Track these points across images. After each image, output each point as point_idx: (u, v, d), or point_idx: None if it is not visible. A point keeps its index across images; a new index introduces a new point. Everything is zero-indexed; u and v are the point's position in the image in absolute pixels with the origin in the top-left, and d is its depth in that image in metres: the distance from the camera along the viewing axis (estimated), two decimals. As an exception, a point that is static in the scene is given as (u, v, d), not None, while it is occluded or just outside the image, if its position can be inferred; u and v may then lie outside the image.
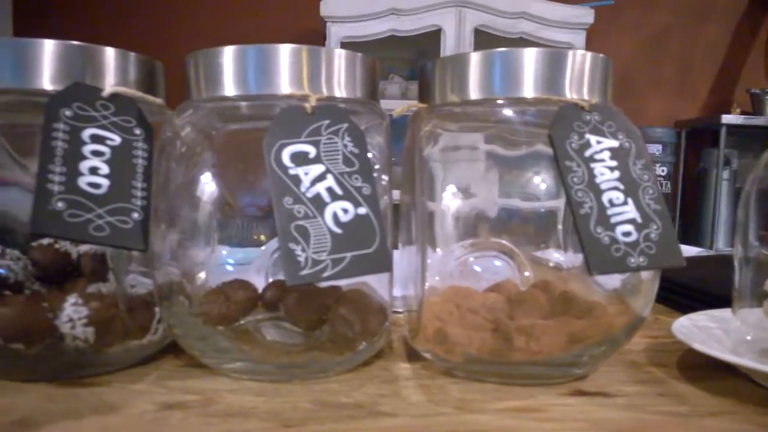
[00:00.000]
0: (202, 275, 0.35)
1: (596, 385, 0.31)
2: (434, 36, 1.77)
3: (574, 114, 0.28)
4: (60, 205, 0.26)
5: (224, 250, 0.37)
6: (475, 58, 0.31)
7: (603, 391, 0.30)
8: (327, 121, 0.28)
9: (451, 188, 0.32)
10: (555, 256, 0.37)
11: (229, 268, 0.38)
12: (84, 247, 0.36)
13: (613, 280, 0.33)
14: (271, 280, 0.37)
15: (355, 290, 0.34)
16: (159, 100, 0.33)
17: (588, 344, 0.30)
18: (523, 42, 1.79)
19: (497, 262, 0.37)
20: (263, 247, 0.38)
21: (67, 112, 0.28)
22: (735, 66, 2.18)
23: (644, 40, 2.10)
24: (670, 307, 0.49)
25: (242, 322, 0.34)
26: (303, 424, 0.25)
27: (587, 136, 0.28)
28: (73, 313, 0.29)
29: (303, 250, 0.26)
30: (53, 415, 0.26)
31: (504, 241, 0.37)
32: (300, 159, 0.27)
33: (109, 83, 0.31)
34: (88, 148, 0.27)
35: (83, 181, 0.27)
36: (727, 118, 1.95)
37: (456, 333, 0.29)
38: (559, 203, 0.35)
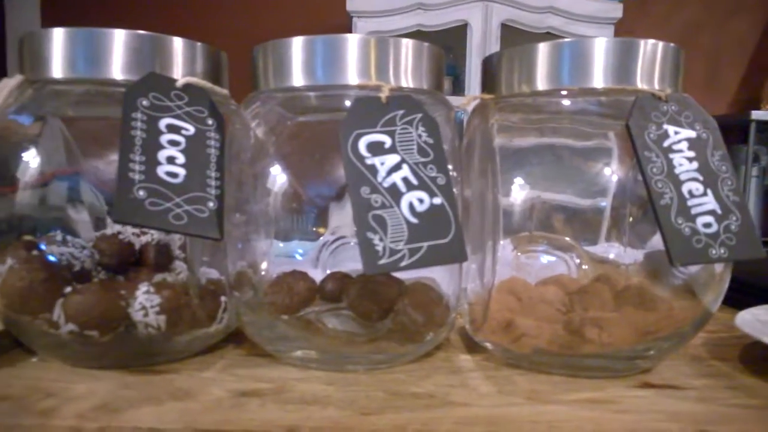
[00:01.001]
0: (264, 266, 0.35)
1: (663, 378, 0.31)
2: (460, 31, 1.76)
3: (652, 104, 0.28)
4: (141, 193, 0.26)
5: (281, 243, 0.37)
6: (543, 49, 0.31)
7: (672, 384, 0.30)
8: (401, 111, 0.28)
9: (518, 180, 0.31)
10: (615, 251, 0.36)
11: (298, 258, 0.38)
12: (146, 237, 0.36)
13: (677, 276, 0.32)
14: (328, 272, 0.38)
15: (418, 282, 0.34)
16: (225, 91, 0.33)
17: (657, 338, 0.30)
18: (550, 37, 1.77)
19: (554, 256, 0.37)
20: (321, 239, 0.39)
21: (144, 102, 0.28)
22: (765, 61, 2.14)
23: (672, 34, 2.07)
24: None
25: (302, 312, 0.35)
26: (381, 413, 0.26)
27: (665, 126, 0.27)
28: (145, 301, 0.30)
29: (381, 240, 0.26)
30: (133, 400, 0.27)
31: (565, 237, 0.36)
32: (376, 149, 0.27)
33: (178, 73, 0.32)
34: (164, 138, 0.28)
35: (162, 170, 0.27)
36: (756, 114, 1.91)
37: (526, 324, 0.29)
38: (622, 197, 0.34)
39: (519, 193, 0.31)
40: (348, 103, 0.32)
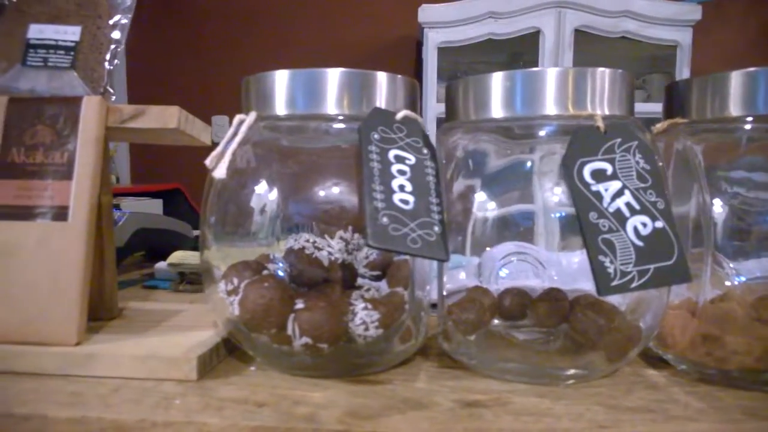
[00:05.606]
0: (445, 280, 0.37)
1: None
2: (532, 38, 1.76)
3: None
4: (385, 220, 0.28)
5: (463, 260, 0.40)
6: (736, 77, 0.32)
7: None
8: (619, 139, 0.29)
9: (717, 202, 0.33)
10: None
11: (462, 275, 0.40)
12: (326, 256, 0.39)
13: None
14: (499, 287, 0.40)
15: (603, 302, 0.35)
16: (421, 119, 0.36)
17: None
18: (626, 41, 1.75)
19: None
20: (490, 251, 0.41)
21: (375, 135, 0.31)
22: None
23: (752, 35, 2.01)
24: None
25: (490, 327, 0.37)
26: (616, 426, 0.27)
27: None
28: (366, 317, 0.32)
29: (611, 262, 0.27)
30: (376, 408, 0.29)
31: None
32: (599, 176, 0.29)
33: (382, 106, 0.34)
34: (394, 168, 0.30)
35: (396, 198, 0.29)
36: None
37: (736, 342, 0.30)
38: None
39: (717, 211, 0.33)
40: (543, 133, 0.34)
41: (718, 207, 0.32)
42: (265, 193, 0.33)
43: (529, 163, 0.36)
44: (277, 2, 2.18)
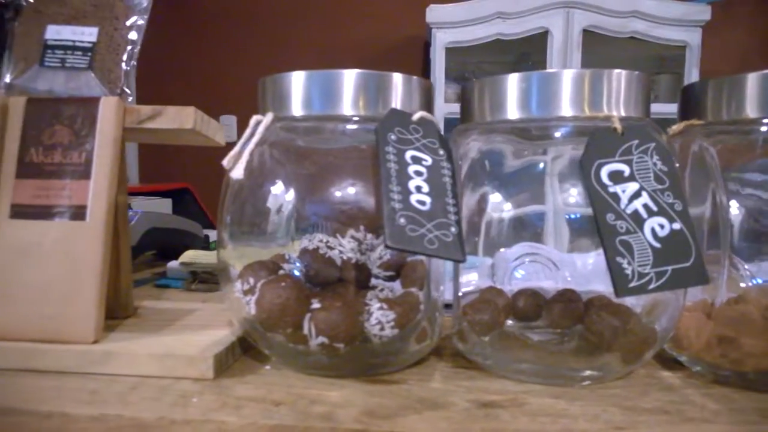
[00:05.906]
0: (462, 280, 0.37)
1: None
2: (540, 38, 1.76)
3: None
4: (402, 221, 0.29)
5: (477, 261, 0.40)
6: (752, 79, 0.32)
7: None
8: (636, 141, 0.30)
9: (733, 203, 0.33)
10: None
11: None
12: (337, 255, 0.39)
13: None
14: (512, 288, 0.40)
15: (618, 303, 0.36)
16: (436, 120, 0.36)
17: None
18: (634, 42, 1.74)
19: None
20: (503, 252, 0.41)
21: (392, 136, 0.31)
22: None
23: (763, 34, 1.99)
24: None
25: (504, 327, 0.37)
26: (634, 428, 0.27)
27: None
28: (381, 317, 0.32)
29: (629, 264, 0.27)
30: (392, 408, 0.29)
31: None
32: (616, 177, 0.29)
33: (397, 107, 0.34)
34: (411, 169, 0.30)
35: (413, 199, 0.30)
36: None
37: (751, 344, 0.30)
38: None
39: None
40: (558, 134, 0.34)
41: (734, 209, 0.32)
42: (281, 194, 0.34)
43: (542, 165, 0.36)
44: (283, 2, 2.18)
